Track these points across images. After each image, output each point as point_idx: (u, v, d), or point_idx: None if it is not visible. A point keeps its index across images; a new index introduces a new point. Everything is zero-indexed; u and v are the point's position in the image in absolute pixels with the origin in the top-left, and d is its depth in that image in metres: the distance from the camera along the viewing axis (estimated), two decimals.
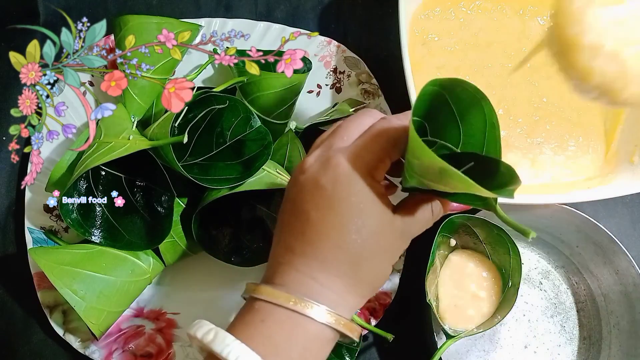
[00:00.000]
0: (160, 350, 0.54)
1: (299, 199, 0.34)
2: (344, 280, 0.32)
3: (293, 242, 0.33)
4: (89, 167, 0.45)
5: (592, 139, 0.59)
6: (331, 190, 0.32)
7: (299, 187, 0.34)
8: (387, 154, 0.33)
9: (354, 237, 0.32)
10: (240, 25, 0.57)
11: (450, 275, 0.55)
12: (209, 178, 0.49)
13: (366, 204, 0.32)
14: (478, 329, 0.52)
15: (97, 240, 0.49)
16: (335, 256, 0.32)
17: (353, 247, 0.32)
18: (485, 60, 0.59)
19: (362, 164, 0.32)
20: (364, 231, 0.32)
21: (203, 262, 0.55)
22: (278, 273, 0.33)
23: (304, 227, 0.33)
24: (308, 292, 0.32)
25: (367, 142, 0.33)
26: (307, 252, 0.32)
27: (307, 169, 0.34)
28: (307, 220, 0.32)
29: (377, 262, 0.33)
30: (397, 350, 0.57)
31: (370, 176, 0.32)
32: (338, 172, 0.32)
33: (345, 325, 0.32)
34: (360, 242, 0.32)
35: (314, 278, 0.32)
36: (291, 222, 0.34)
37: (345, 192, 0.32)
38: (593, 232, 0.54)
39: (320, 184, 0.32)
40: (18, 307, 0.56)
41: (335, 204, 0.32)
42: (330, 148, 0.34)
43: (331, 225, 0.32)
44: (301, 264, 0.33)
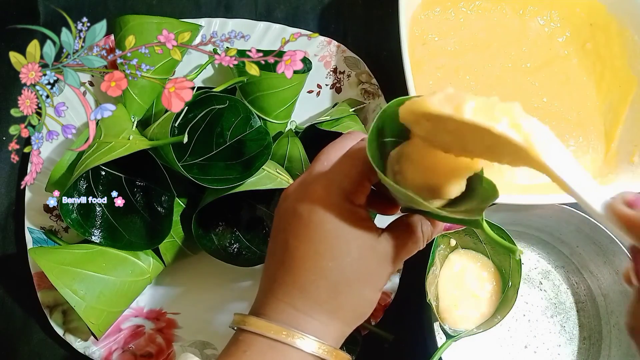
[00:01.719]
0: (160, 350, 0.54)
1: (279, 227, 0.34)
2: (325, 307, 0.32)
3: (275, 272, 0.33)
4: (89, 167, 0.45)
5: (592, 139, 0.59)
6: (307, 217, 0.32)
7: (279, 216, 0.34)
8: (364, 176, 0.32)
9: (331, 264, 0.31)
10: (240, 25, 0.57)
11: (450, 275, 0.55)
12: (209, 178, 0.49)
13: (343, 229, 0.31)
14: (478, 329, 0.52)
15: (97, 240, 0.49)
16: (313, 283, 0.31)
17: (330, 275, 0.31)
18: (485, 60, 0.59)
19: (337, 188, 0.32)
20: (341, 258, 0.31)
21: (203, 262, 0.55)
22: (263, 303, 0.33)
23: (284, 255, 0.32)
24: (290, 320, 0.32)
25: (342, 166, 0.32)
26: (287, 280, 0.32)
27: (288, 197, 0.34)
28: (287, 249, 0.32)
29: (358, 288, 0.32)
30: (397, 350, 0.57)
31: (348, 200, 0.32)
32: (313, 199, 0.32)
33: (330, 353, 0.32)
34: (339, 269, 0.31)
35: (295, 307, 0.32)
36: (274, 250, 0.34)
37: (320, 219, 0.31)
38: (593, 232, 0.54)
39: (297, 211, 0.32)
40: (18, 307, 0.56)
41: (311, 231, 0.31)
42: (310, 175, 0.34)
43: (308, 253, 0.31)
44: (282, 293, 0.32)
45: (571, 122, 0.59)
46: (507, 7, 0.61)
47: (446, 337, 0.51)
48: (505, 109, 0.25)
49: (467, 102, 0.25)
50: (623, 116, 0.58)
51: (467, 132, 0.26)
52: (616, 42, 0.59)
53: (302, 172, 0.53)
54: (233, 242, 0.53)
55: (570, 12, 0.61)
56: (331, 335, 0.32)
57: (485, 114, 0.24)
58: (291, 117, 0.56)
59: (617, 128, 0.59)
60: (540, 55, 0.61)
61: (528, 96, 0.59)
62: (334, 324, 0.32)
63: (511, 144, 0.24)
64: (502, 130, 0.24)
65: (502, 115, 0.24)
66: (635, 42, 0.58)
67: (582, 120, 0.59)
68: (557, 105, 0.59)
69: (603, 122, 0.60)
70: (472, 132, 0.25)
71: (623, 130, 0.58)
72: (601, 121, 0.60)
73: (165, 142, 0.45)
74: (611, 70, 0.60)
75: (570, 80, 0.61)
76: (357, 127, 0.53)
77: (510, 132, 0.24)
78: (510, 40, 0.60)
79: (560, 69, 0.61)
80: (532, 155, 0.24)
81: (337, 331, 0.33)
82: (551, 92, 0.60)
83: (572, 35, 0.61)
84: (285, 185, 0.50)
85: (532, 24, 0.61)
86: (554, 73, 0.60)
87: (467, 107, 0.25)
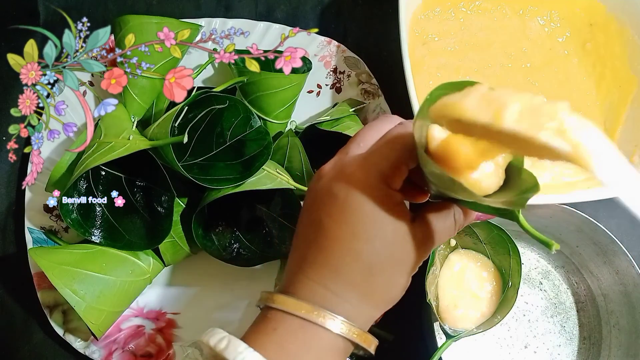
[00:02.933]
0: (160, 350, 0.54)
1: (313, 207, 0.33)
2: (357, 290, 0.32)
3: (306, 251, 0.33)
4: (89, 167, 0.45)
5: None
6: (344, 198, 0.31)
7: (313, 195, 0.34)
8: (403, 161, 0.32)
9: (367, 246, 0.31)
10: (240, 25, 0.57)
11: (450, 275, 0.54)
12: (209, 178, 0.49)
13: (379, 213, 0.31)
14: (478, 329, 0.52)
15: (97, 240, 0.49)
16: (347, 265, 0.31)
17: (366, 257, 0.31)
18: (485, 60, 0.59)
19: (376, 171, 0.31)
20: (377, 241, 0.31)
21: (203, 262, 0.55)
22: (292, 282, 0.33)
23: (317, 235, 0.32)
24: (321, 300, 0.32)
25: (382, 149, 0.32)
26: (319, 260, 0.32)
27: (322, 176, 0.33)
28: (320, 229, 0.32)
29: (391, 272, 0.32)
30: (397, 350, 0.57)
31: (386, 184, 0.32)
32: (351, 180, 0.32)
33: (359, 337, 0.32)
34: (373, 252, 0.31)
35: (327, 287, 0.32)
36: (305, 230, 0.34)
37: (358, 201, 0.31)
38: (593, 232, 0.54)
39: (333, 192, 0.32)
40: (18, 307, 0.56)
41: (347, 212, 0.31)
42: (346, 155, 0.34)
43: (343, 234, 0.31)
44: (314, 273, 0.32)
45: None
46: (507, 7, 0.61)
47: (446, 337, 0.51)
48: (552, 111, 0.22)
49: (508, 106, 0.22)
50: (623, 116, 0.58)
51: (506, 135, 0.23)
52: (616, 42, 0.59)
53: (302, 172, 0.53)
54: (233, 242, 0.53)
55: (570, 12, 0.61)
56: (362, 317, 0.32)
57: (528, 118, 0.22)
58: (291, 117, 0.56)
59: (617, 128, 0.59)
60: (540, 55, 0.61)
61: None
62: (365, 307, 0.32)
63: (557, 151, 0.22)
64: (546, 140, 0.22)
65: (548, 119, 0.22)
66: (635, 42, 0.58)
67: None
68: None
69: (603, 122, 0.60)
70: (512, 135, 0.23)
71: (623, 130, 0.58)
72: (601, 121, 0.60)
73: (165, 142, 0.45)
74: (611, 70, 0.60)
75: (570, 80, 0.61)
76: (357, 127, 0.53)
77: (557, 142, 0.22)
78: (510, 40, 0.61)
79: (560, 69, 0.61)
80: (582, 165, 0.22)
81: (367, 314, 0.33)
82: (551, 92, 0.60)
83: (572, 35, 0.61)
84: (285, 185, 0.50)
85: (532, 24, 0.61)
86: (554, 73, 0.60)
87: (509, 113, 0.22)
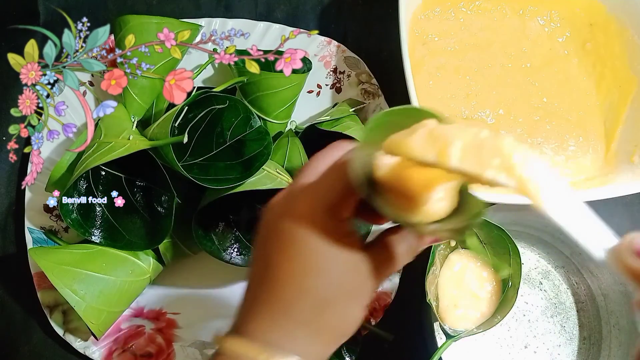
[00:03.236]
0: (160, 350, 0.54)
1: (263, 244, 0.32)
2: (308, 327, 0.31)
3: (257, 290, 0.32)
4: (89, 167, 0.45)
5: (592, 139, 0.59)
6: (290, 234, 0.30)
7: (262, 232, 0.33)
8: (351, 190, 0.30)
9: (316, 282, 0.30)
10: (240, 25, 0.57)
11: (450, 275, 0.55)
12: (209, 178, 0.49)
13: (327, 246, 0.30)
14: (478, 329, 0.52)
15: (97, 240, 0.49)
16: (297, 303, 0.30)
17: (314, 293, 0.30)
18: (485, 60, 0.59)
19: (322, 203, 0.30)
20: (326, 275, 0.30)
21: (203, 262, 0.55)
22: (244, 321, 0.32)
23: (266, 272, 0.31)
24: (272, 340, 0.31)
25: (328, 179, 0.31)
26: (269, 299, 0.31)
27: (271, 210, 0.33)
28: (268, 266, 0.31)
29: (344, 306, 0.31)
30: (397, 350, 0.57)
31: (332, 215, 0.30)
32: (296, 215, 0.30)
33: None
34: (323, 287, 0.30)
35: (278, 326, 0.31)
36: (256, 268, 0.33)
37: (304, 236, 0.30)
38: None
39: (279, 228, 0.31)
40: (18, 307, 0.56)
41: (294, 248, 0.30)
42: (294, 187, 0.32)
43: (292, 271, 0.30)
44: (264, 312, 0.31)
45: (571, 122, 0.59)
46: (507, 7, 0.61)
47: (446, 337, 0.51)
48: (496, 147, 0.23)
49: (452, 144, 0.23)
50: (623, 116, 0.58)
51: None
52: (616, 42, 0.59)
53: None
54: (233, 242, 0.53)
55: (570, 12, 0.61)
56: (315, 354, 0.31)
57: (473, 156, 0.23)
58: (291, 117, 0.56)
59: (617, 128, 0.59)
60: (540, 55, 0.61)
61: (528, 96, 0.59)
62: (318, 343, 0.31)
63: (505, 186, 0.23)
64: (492, 177, 0.23)
65: (492, 156, 0.23)
66: (635, 42, 0.58)
67: (582, 120, 0.59)
68: (557, 105, 0.59)
69: (603, 122, 0.60)
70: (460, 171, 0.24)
71: (623, 130, 0.58)
72: (601, 121, 0.60)
73: (165, 142, 0.45)
74: (611, 70, 0.60)
75: (570, 80, 0.61)
76: (357, 127, 0.53)
77: (502, 179, 0.23)
78: (510, 40, 0.60)
79: (560, 69, 0.61)
80: (527, 197, 0.23)
81: (321, 350, 0.32)
82: (551, 92, 0.60)
83: (572, 35, 0.61)
84: (285, 185, 0.50)
85: (532, 24, 0.61)
86: (554, 73, 0.61)
87: (453, 151, 0.23)
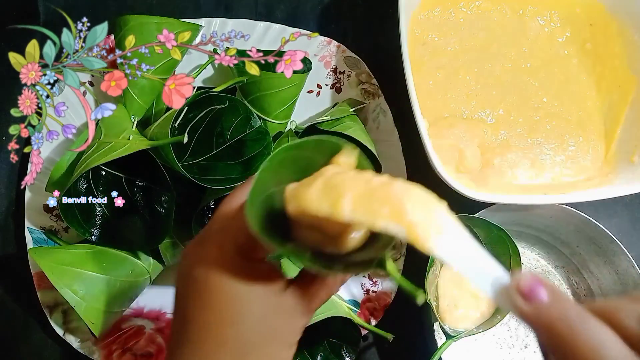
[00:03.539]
0: (160, 350, 0.54)
1: (178, 292, 0.31)
2: None
3: (176, 341, 0.31)
4: (89, 167, 0.45)
5: (592, 139, 0.59)
6: (203, 282, 0.29)
7: (178, 281, 0.31)
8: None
9: (234, 329, 0.29)
10: (240, 25, 0.57)
11: (450, 275, 0.54)
12: (209, 178, 0.49)
13: (242, 290, 0.29)
14: (478, 329, 0.52)
15: (97, 240, 0.49)
16: (215, 354, 0.29)
17: (232, 341, 0.29)
18: (485, 60, 0.59)
19: (233, 245, 0.29)
20: (244, 321, 0.29)
21: None
22: None
23: (183, 324, 0.30)
24: None
25: (237, 220, 0.29)
26: (188, 352, 0.30)
27: (184, 258, 0.31)
28: (184, 317, 0.30)
29: (267, 350, 0.30)
30: (397, 350, 0.57)
31: (245, 257, 0.29)
32: (208, 260, 0.29)
33: None
34: (242, 334, 0.29)
35: None
36: (174, 319, 0.31)
37: (216, 283, 0.29)
38: (593, 232, 0.54)
39: (193, 275, 0.29)
40: (18, 307, 0.56)
41: (208, 297, 0.29)
42: (207, 231, 0.31)
43: (209, 320, 0.29)
44: None
45: (571, 122, 0.59)
46: (507, 7, 0.61)
47: (446, 337, 0.51)
48: (386, 195, 0.24)
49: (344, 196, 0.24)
50: (623, 116, 0.58)
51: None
52: (616, 42, 0.59)
53: None
54: None
55: (570, 12, 0.61)
56: None
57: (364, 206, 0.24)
58: (291, 117, 0.56)
59: (617, 128, 0.59)
60: (540, 55, 0.61)
61: (528, 96, 0.59)
62: None
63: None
64: (383, 226, 0.23)
65: (382, 205, 0.24)
66: (635, 42, 0.58)
67: (582, 120, 0.59)
68: (557, 105, 0.59)
69: (603, 122, 0.60)
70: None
71: (623, 130, 0.58)
72: (601, 121, 0.60)
73: (165, 142, 0.45)
74: (611, 70, 0.60)
75: (570, 80, 0.61)
76: (356, 127, 0.53)
77: (392, 227, 0.23)
78: (510, 40, 0.60)
79: (560, 69, 0.61)
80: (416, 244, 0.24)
81: None
82: (551, 92, 0.60)
83: (572, 35, 0.61)
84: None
85: (532, 24, 0.61)
86: (554, 73, 0.60)
87: (345, 203, 0.24)
